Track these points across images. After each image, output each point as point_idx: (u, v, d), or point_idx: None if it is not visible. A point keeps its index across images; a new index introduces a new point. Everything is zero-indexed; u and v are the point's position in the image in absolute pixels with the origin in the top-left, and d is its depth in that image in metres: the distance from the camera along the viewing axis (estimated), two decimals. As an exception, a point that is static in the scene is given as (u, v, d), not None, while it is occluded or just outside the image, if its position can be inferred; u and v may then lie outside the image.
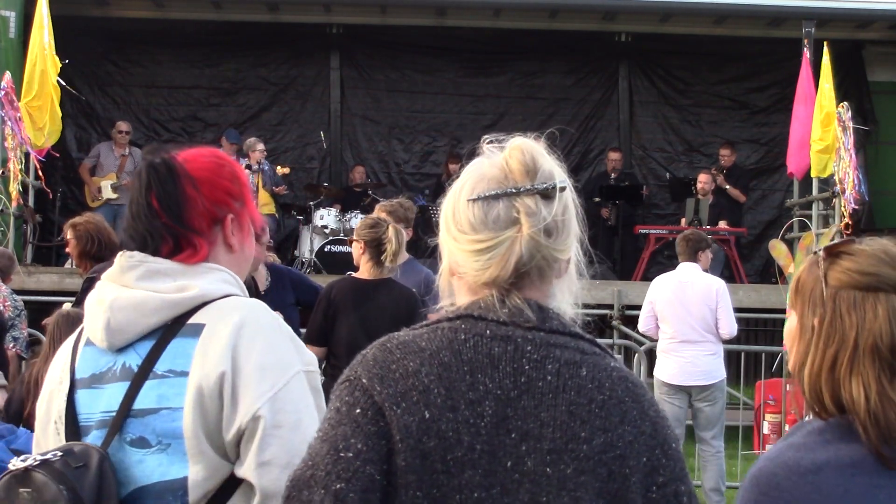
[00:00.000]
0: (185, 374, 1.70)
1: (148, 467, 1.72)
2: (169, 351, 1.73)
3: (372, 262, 4.94)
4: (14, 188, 8.45)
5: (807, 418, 1.63)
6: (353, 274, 5.11)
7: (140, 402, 1.73)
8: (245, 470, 1.68)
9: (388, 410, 1.37)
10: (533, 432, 1.37)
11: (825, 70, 9.25)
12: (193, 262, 1.79)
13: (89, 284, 5.00)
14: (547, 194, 1.43)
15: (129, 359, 1.76)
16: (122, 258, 1.82)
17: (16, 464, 1.71)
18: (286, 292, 5.08)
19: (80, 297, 5.09)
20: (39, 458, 1.70)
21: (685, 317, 6.57)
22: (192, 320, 1.74)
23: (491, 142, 1.50)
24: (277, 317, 1.81)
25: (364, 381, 1.41)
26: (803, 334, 1.61)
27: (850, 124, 8.79)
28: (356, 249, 5.03)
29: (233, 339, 1.69)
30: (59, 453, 1.72)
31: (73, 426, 1.80)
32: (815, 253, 1.63)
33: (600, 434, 1.37)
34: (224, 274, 1.82)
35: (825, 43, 9.58)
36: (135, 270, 1.78)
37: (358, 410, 1.38)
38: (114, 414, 1.75)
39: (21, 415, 3.97)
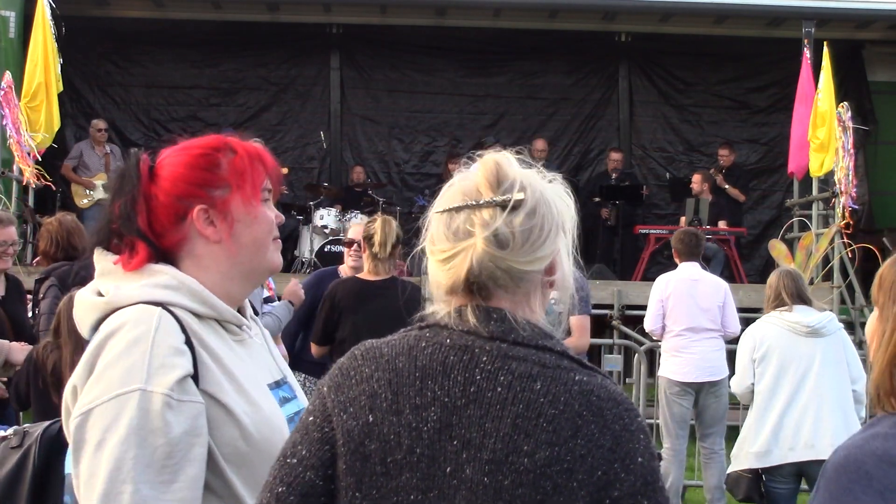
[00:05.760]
0: None
1: (69, 457, 1.80)
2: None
3: (370, 261, 4.89)
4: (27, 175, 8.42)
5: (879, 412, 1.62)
6: (359, 275, 5.02)
7: None
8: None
9: (336, 417, 1.44)
10: (475, 441, 1.38)
11: (825, 70, 9.24)
12: (129, 268, 1.74)
13: (38, 286, 4.97)
14: (506, 206, 1.43)
15: None
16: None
17: None
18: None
19: (33, 298, 5.04)
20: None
21: (697, 313, 6.58)
22: (102, 325, 1.71)
23: (480, 155, 1.51)
24: (158, 328, 1.65)
25: (325, 389, 1.48)
26: (883, 325, 1.61)
27: (850, 124, 8.78)
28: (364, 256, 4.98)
29: (95, 351, 1.65)
30: (13, 434, 1.84)
31: None
32: None
33: (545, 448, 1.37)
34: (164, 277, 1.72)
35: (825, 43, 9.57)
36: (97, 267, 1.79)
37: (311, 418, 1.47)
38: None
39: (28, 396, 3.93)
